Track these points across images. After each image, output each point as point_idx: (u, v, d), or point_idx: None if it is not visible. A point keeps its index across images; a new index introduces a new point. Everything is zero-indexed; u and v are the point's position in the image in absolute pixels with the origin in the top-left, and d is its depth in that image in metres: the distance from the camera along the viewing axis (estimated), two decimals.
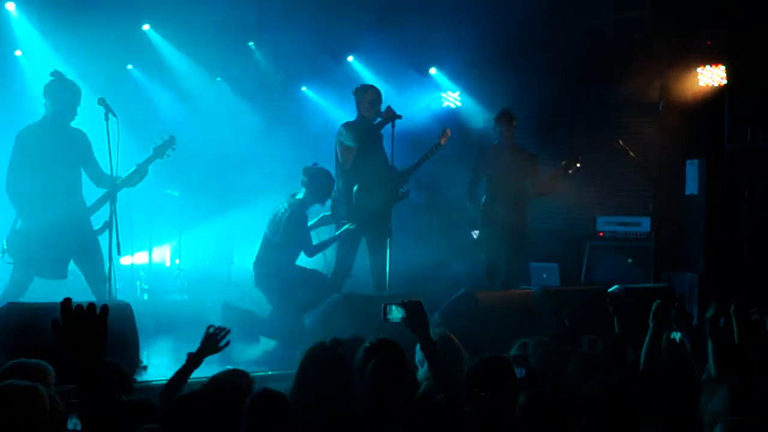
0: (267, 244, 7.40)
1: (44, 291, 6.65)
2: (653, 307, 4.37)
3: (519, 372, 3.91)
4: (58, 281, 6.60)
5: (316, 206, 7.63)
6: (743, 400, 3.18)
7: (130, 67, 10.54)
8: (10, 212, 6.38)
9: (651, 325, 4.34)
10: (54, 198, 6.20)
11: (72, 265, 6.56)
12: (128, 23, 9.68)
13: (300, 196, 7.40)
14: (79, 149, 6.37)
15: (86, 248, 6.34)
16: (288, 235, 7.30)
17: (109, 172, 6.25)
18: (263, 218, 7.65)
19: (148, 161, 6.51)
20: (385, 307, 3.75)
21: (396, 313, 3.72)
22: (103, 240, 6.38)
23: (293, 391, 3.53)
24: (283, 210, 7.38)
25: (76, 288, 6.95)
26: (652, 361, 4.25)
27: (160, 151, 6.58)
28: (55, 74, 6.32)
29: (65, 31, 9.14)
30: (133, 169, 6.45)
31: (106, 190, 6.37)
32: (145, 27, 10.09)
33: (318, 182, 7.36)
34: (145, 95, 10.53)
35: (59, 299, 2.54)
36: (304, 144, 10.00)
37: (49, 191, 6.19)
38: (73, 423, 3.32)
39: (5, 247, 6.29)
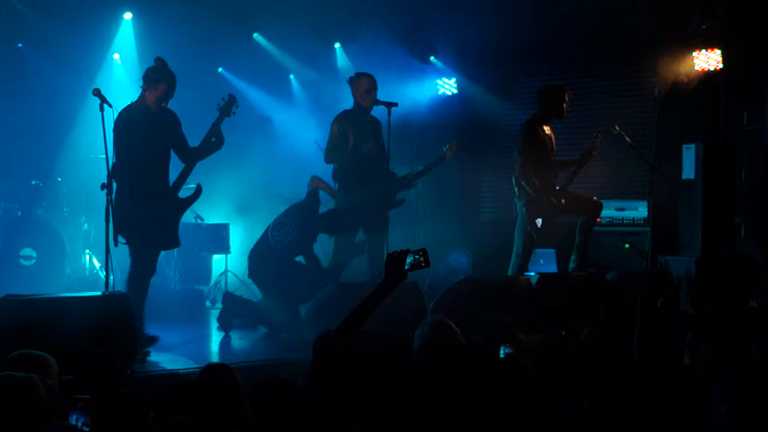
0: (265, 239, 7.35)
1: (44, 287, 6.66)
2: (638, 298, 4.25)
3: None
4: (57, 280, 6.57)
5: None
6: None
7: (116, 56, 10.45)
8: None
9: (637, 316, 4.22)
10: (160, 177, 6.27)
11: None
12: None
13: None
14: (172, 128, 6.34)
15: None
16: (287, 242, 7.22)
17: (104, 161, 6.20)
18: (262, 209, 7.61)
19: (219, 121, 6.42)
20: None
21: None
22: (101, 234, 6.35)
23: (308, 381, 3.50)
24: (285, 217, 7.30)
25: (75, 285, 6.96)
26: (645, 352, 4.16)
27: (226, 110, 6.50)
28: (158, 61, 6.24)
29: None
30: (206, 134, 6.36)
31: (184, 165, 6.37)
32: (127, 16, 10.02)
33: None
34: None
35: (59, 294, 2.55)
36: (300, 133, 9.97)
37: (159, 173, 6.26)
38: (74, 418, 3.33)
39: (124, 233, 6.11)
